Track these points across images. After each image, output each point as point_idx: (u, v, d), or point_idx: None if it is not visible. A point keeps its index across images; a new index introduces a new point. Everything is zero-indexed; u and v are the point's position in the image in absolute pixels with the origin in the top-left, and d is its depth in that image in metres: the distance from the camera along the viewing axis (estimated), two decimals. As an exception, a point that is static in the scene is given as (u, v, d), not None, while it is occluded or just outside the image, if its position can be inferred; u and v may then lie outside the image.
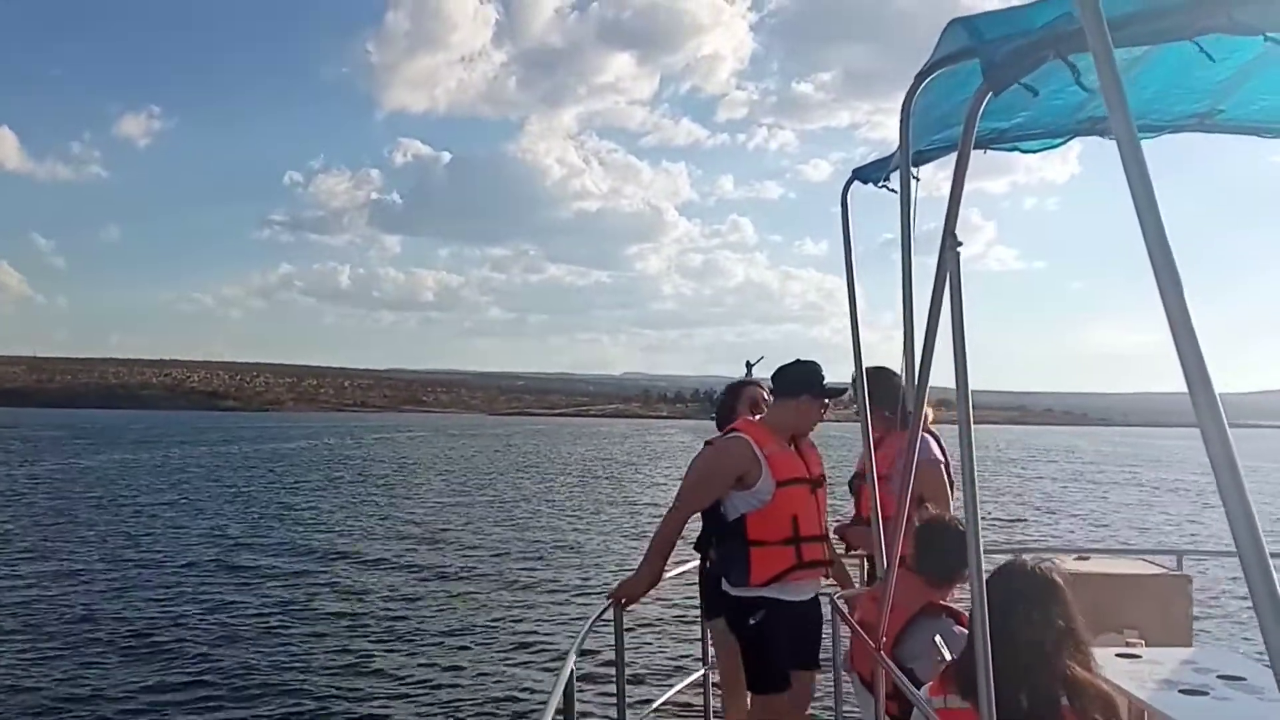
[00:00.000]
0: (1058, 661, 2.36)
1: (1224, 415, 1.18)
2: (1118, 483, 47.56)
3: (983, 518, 2.22)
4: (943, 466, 4.45)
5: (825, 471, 4.43)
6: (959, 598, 3.40)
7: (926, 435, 4.56)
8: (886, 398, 4.06)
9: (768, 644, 4.19)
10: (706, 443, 4.61)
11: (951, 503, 4.27)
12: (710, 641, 4.92)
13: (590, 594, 15.95)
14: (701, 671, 5.25)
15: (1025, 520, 27.63)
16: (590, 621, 4.34)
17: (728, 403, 5.07)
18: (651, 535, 4.42)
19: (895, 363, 4.70)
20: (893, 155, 3.14)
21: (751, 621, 4.18)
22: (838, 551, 4.77)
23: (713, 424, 5.14)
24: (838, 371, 4.56)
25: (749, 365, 4.97)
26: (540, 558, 20.21)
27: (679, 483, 4.52)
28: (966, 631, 3.06)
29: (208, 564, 18.92)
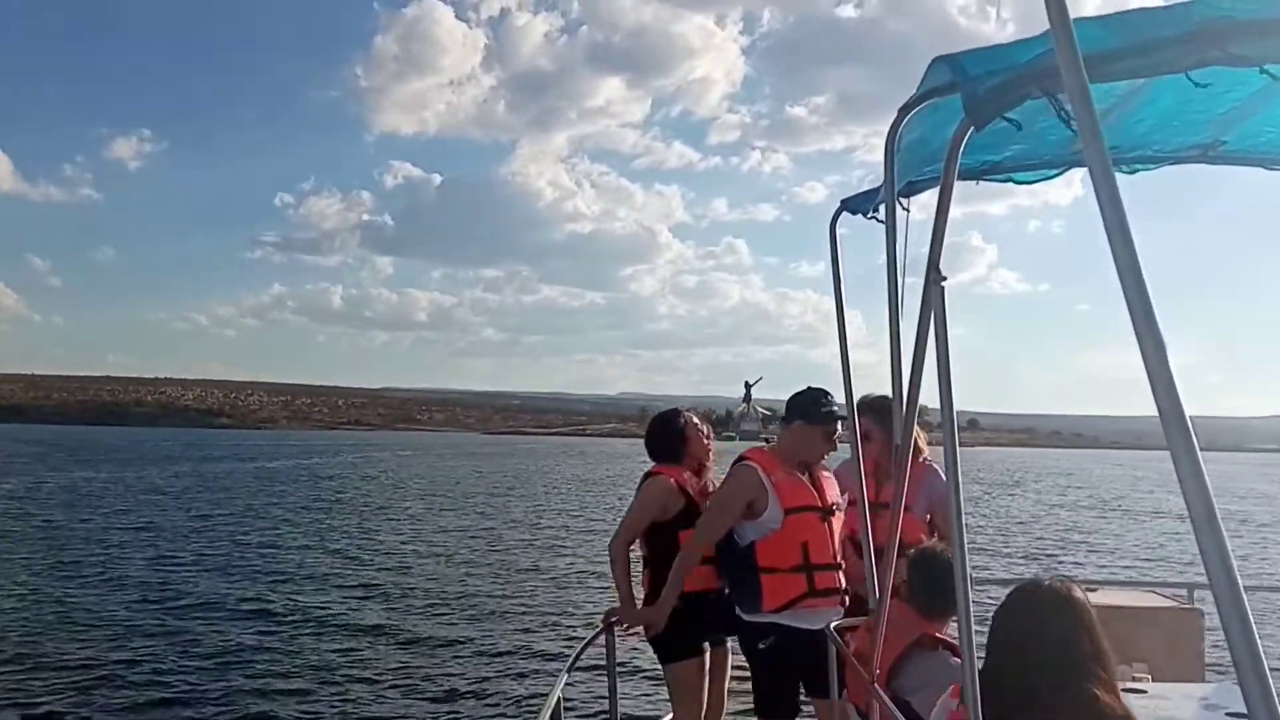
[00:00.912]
0: (1081, 685, 2.28)
1: (1201, 459, 1.16)
2: (1129, 509, 46.84)
3: (987, 544, 2.19)
4: None
5: (840, 501, 4.45)
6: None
7: (936, 467, 4.71)
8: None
9: (779, 670, 4.24)
10: (646, 474, 4.72)
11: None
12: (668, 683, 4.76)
13: (583, 616, 15.98)
14: None
15: (1032, 548, 27.02)
16: (583, 645, 4.42)
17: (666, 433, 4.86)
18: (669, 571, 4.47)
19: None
20: (881, 187, 3.17)
21: (761, 646, 4.24)
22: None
23: (721, 444, 5.10)
24: (839, 392, 4.56)
25: (748, 386, 4.97)
26: (534, 578, 20.24)
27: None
28: (955, 664, 3.05)
29: (201, 582, 18.69)
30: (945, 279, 2.13)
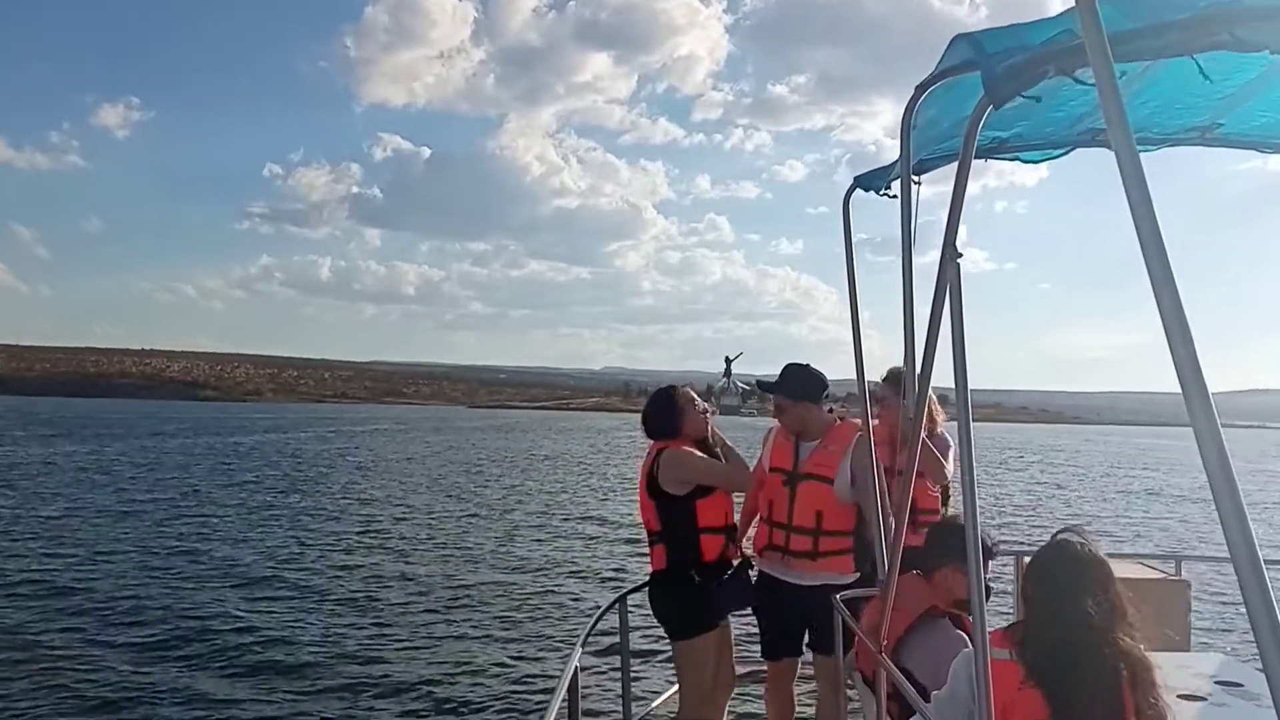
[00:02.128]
0: (1113, 635, 2.47)
1: (1219, 423, 1.21)
2: (1106, 483, 47.80)
3: (985, 520, 2.26)
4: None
5: (824, 473, 4.62)
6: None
7: (947, 435, 4.99)
8: None
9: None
10: (659, 451, 4.67)
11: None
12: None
13: (597, 588, 16.11)
14: None
15: (1017, 521, 27.61)
16: (597, 616, 4.50)
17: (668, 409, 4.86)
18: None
19: (887, 363, 5.02)
20: (894, 163, 3.20)
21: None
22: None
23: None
24: (818, 367, 4.86)
25: (728, 361, 4.94)
26: (545, 553, 20.26)
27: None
28: (966, 636, 3.17)
29: (210, 562, 18.34)
30: (961, 255, 2.17)
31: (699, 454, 4.65)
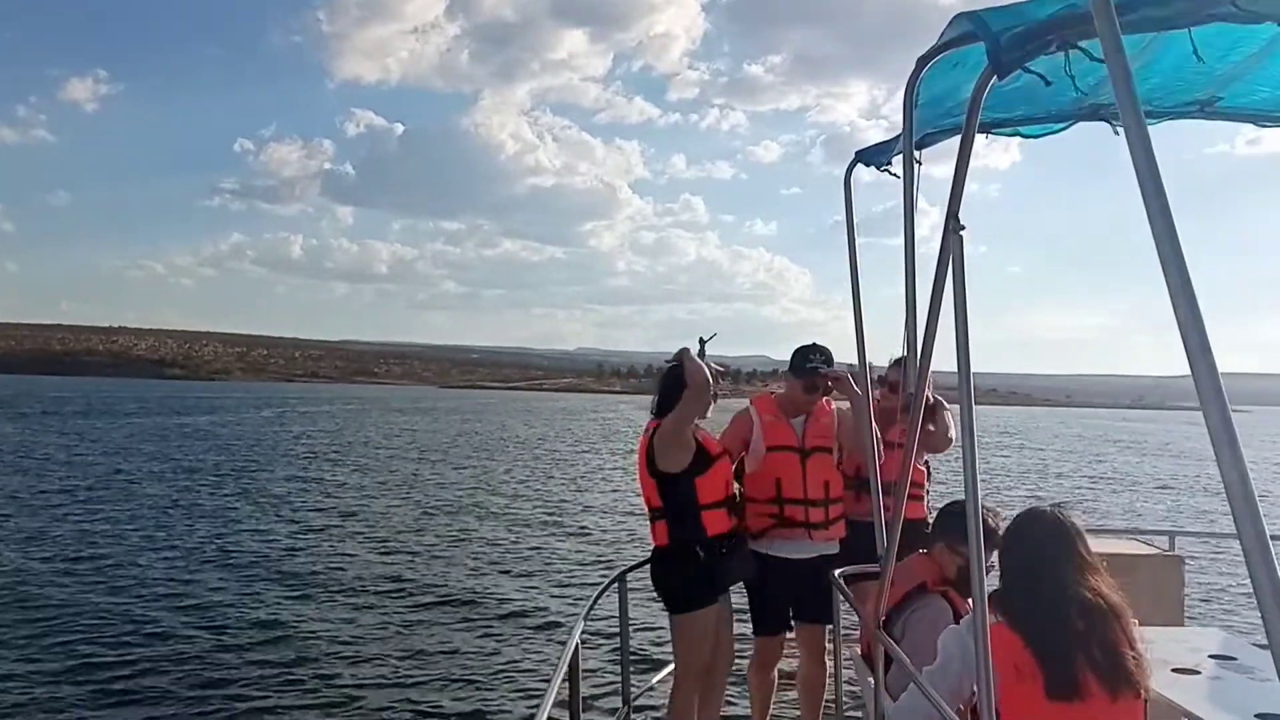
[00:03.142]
0: (1073, 587, 2.62)
1: (1227, 398, 1.23)
2: (1089, 461, 47.93)
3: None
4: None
5: (827, 444, 4.79)
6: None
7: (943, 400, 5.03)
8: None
9: (751, 590, 4.75)
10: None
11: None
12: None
13: (594, 566, 16.06)
14: None
15: (1012, 499, 27.31)
16: (597, 593, 4.53)
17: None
18: None
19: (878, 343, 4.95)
20: (895, 139, 3.22)
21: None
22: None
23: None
24: (789, 349, 5.02)
25: (702, 342, 4.94)
26: (543, 532, 20.21)
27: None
28: (949, 609, 3.34)
29: (191, 547, 17.75)
30: (964, 228, 2.16)
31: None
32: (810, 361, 4.79)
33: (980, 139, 3.28)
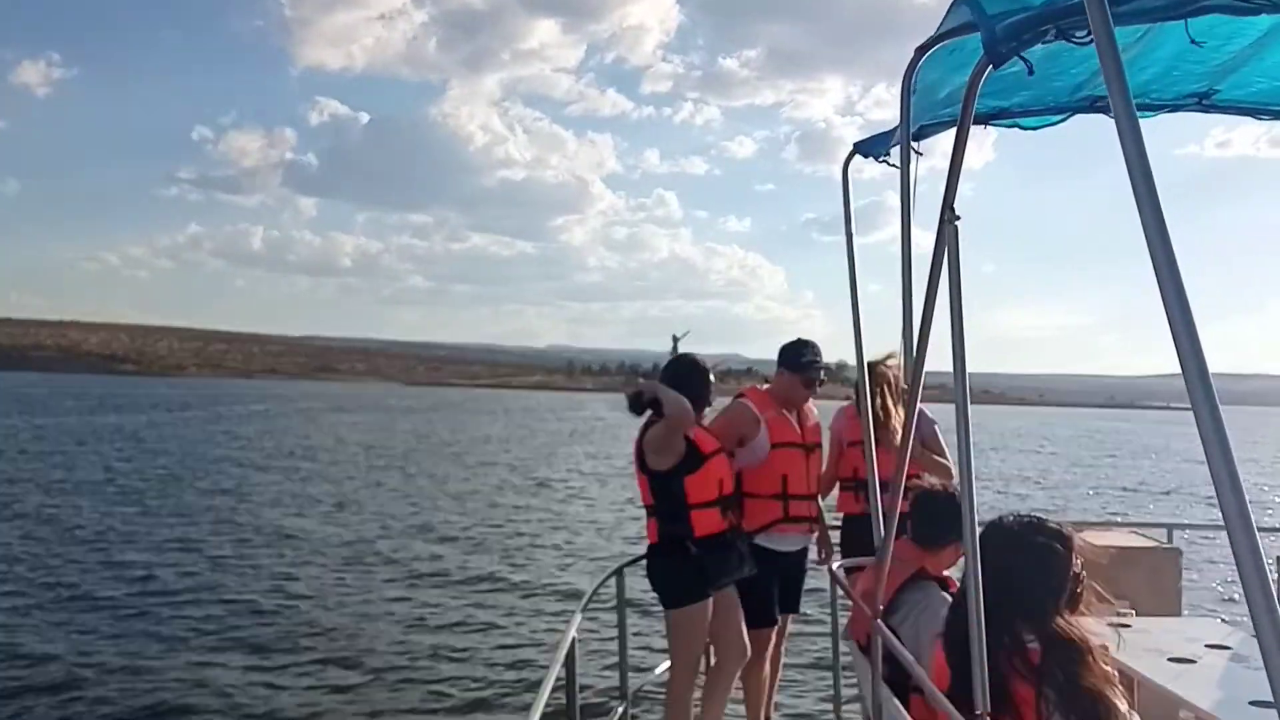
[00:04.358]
0: (1042, 613, 2.43)
1: (1216, 396, 1.20)
2: (1076, 459, 50.18)
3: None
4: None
5: (822, 441, 5.20)
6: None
7: (924, 409, 5.02)
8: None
9: (753, 583, 4.70)
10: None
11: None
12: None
13: (593, 561, 16.06)
14: None
15: (1006, 494, 28.50)
16: (594, 587, 4.74)
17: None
18: None
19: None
20: (894, 130, 3.23)
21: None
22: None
23: None
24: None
25: (675, 339, 5.20)
26: (541, 527, 20.38)
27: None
28: (947, 597, 3.22)
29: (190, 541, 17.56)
30: (960, 218, 2.17)
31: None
32: (805, 357, 5.01)
33: (977, 129, 3.15)
